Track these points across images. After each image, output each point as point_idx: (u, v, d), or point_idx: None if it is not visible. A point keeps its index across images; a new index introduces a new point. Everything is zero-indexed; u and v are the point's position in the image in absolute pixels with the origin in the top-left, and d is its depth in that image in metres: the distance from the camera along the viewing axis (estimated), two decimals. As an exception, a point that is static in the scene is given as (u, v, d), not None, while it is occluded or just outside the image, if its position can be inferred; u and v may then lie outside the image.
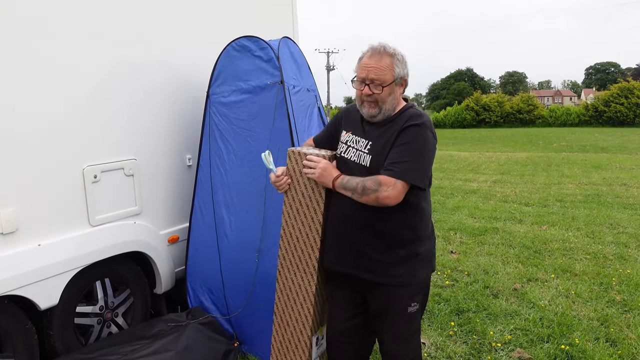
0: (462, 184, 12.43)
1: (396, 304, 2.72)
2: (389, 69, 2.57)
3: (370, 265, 2.67)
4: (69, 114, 3.43)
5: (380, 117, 2.64)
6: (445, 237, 7.45)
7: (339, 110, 3.02)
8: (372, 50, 2.59)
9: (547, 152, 20.34)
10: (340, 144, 2.81)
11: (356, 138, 2.73)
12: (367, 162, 2.63)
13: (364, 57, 2.61)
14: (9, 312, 3.24)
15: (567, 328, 4.34)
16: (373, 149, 2.63)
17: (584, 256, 6.33)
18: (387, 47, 2.59)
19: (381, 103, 2.59)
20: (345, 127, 2.85)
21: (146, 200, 4.00)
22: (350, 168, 2.69)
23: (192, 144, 4.35)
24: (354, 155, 2.70)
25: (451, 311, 4.77)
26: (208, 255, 4.06)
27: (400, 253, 2.66)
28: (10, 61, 3.08)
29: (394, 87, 2.60)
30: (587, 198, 9.97)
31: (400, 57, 2.60)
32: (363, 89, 2.60)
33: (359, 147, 2.68)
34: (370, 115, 2.64)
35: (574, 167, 14.66)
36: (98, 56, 3.59)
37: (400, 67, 2.60)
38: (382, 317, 2.77)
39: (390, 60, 2.57)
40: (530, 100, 49.04)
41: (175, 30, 4.17)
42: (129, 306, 4.06)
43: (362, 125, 2.74)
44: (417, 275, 2.72)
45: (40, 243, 3.29)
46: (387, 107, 2.61)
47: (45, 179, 3.31)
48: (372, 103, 2.61)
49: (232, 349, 3.81)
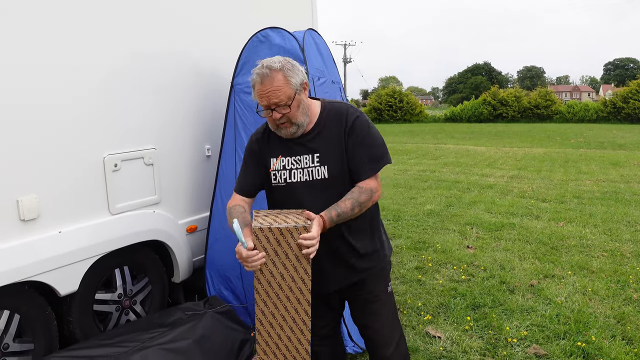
0: (478, 178, 12.37)
1: (379, 289, 2.75)
2: (285, 84, 2.39)
3: (358, 266, 2.65)
4: (90, 103, 3.46)
5: (301, 131, 2.51)
6: (461, 231, 7.43)
7: (249, 145, 2.71)
8: (260, 76, 2.39)
9: (564, 148, 20.15)
10: (275, 172, 2.58)
11: (294, 159, 2.55)
12: (323, 174, 2.50)
13: (256, 84, 2.41)
14: (29, 297, 3.29)
15: (584, 325, 4.32)
16: (323, 158, 2.51)
17: (601, 253, 6.27)
18: (272, 64, 2.39)
19: (294, 119, 2.44)
20: (270, 155, 2.61)
21: (165, 189, 4.03)
22: (301, 190, 2.54)
23: (212, 135, 4.37)
24: (301, 175, 2.53)
25: (467, 306, 4.76)
26: (227, 244, 4.07)
27: (374, 240, 2.70)
28: (32, 50, 3.12)
29: (299, 99, 2.45)
30: (604, 195, 9.87)
31: (289, 66, 2.43)
32: (272, 115, 2.43)
33: (304, 165, 2.52)
34: (291, 134, 2.49)
35: (592, 164, 14.52)
36: (119, 45, 3.61)
37: (295, 75, 2.43)
38: (369, 307, 2.76)
39: (281, 75, 2.39)
40: (548, 96, 48.53)
41: (197, 21, 4.19)
42: (147, 294, 4.10)
43: (292, 143, 2.56)
44: (388, 254, 2.80)
45: (60, 230, 3.33)
46: (301, 120, 2.47)
47: (66, 167, 3.35)
48: (286, 124, 2.46)
49: (249, 339, 3.84)
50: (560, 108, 47.76)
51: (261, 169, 2.64)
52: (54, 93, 3.24)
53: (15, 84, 3.05)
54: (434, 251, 6.47)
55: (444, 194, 10.33)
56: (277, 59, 2.43)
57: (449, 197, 9.99)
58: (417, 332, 4.27)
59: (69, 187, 3.37)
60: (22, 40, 3.05)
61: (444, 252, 6.41)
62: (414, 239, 7.06)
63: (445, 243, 6.79)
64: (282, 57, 2.46)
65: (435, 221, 8.10)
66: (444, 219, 8.22)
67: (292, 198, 2.55)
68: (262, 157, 2.63)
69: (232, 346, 3.69)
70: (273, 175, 2.59)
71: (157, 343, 3.37)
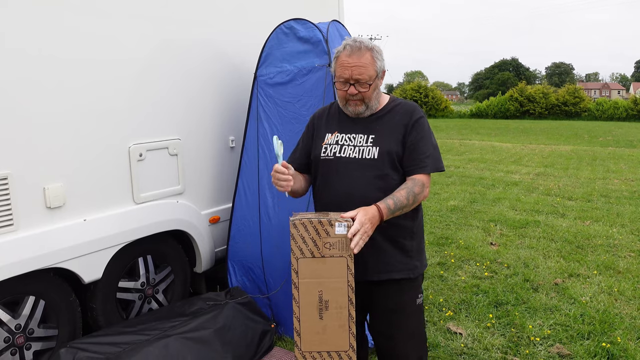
0: (503, 175, 12.24)
1: (407, 297, 2.64)
2: (371, 64, 2.46)
3: (390, 262, 2.58)
4: (117, 93, 3.49)
5: (368, 113, 2.58)
6: (485, 228, 7.36)
7: (310, 121, 2.82)
8: (350, 48, 2.46)
9: (592, 146, 19.83)
10: (327, 146, 2.63)
11: (348, 136, 2.60)
12: (373, 154, 2.52)
13: (342, 55, 2.48)
14: (54, 284, 3.34)
15: (609, 326, 4.25)
16: (377, 140, 2.54)
17: (628, 253, 6.17)
18: (364, 42, 2.48)
19: (367, 100, 2.52)
20: (326, 130, 2.69)
21: (189, 180, 4.05)
22: (347, 166, 2.55)
23: (235, 126, 4.38)
24: (352, 152, 2.56)
25: (489, 303, 4.71)
26: (250, 235, 4.09)
27: (408, 244, 2.62)
28: (59, 40, 3.16)
29: (377, 83, 2.53)
30: (633, 194, 9.70)
31: (377, 49, 2.51)
32: (348, 89, 2.49)
33: (357, 143, 2.56)
34: (357, 112, 2.56)
35: (620, 163, 14.27)
36: (145, 36, 3.64)
37: (380, 59, 2.51)
38: (393, 315, 2.64)
39: (370, 54, 2.46)
40: (576, 93, 47.73)
41: (221, 11, 4.20)
42: (169, 283, 4.13)
43: (352, 122, 2.63)
44: (424, 264, 2.74)
45: (86, 218, 3.37)
46: (373, 103, 2.55)
47: (92, 156, 3.39)
48: (358, 101, 2.52)
49: (269, 330, 3.85)
50: (589, 105, 46.94)
51: (315, 143, 2.71)
52: (80, 83, 3.28)
53: (44, 76, 3.09)
54: (456, 247, 6.42)
55: (468, 190, 10.24)
56: (367, 39, 2.51)
57: (473, 194, 9.90)
58: (439, 328, 4.24)
59: (94, 175, 3.41)
60: (48, 32, 3.10)
61: (467, 248, 6.36)
62: (437, 234, 7.02)
63: (469, 239, 6.73)
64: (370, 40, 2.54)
65: (458, 217, 8.04)
66: (467, 215, 8.15)
67: (337, 172, 2.57)
68: (319, 132, 2.72)
69: (253, 337, 3.71)
70: (324, 148, 2.63)
71: (178, 332, 3.40)
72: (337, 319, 2.31)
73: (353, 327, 2.32)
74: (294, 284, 2.31)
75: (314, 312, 2.31)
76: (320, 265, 2.28)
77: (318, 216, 2.29)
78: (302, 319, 2.32)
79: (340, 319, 2.31)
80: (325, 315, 2.31)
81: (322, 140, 2.67)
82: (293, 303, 2.32)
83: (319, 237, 2.26)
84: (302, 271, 2.30)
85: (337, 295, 2.30)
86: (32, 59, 3.03)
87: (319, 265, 2.28)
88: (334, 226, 2.25)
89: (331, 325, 2.32)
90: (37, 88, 3.06)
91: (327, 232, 2.25)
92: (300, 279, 2.30)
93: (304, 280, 2.30)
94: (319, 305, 2.31)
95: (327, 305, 2.30)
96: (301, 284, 2.30)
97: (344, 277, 2.28)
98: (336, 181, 2.56)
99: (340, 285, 2.29)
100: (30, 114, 3.04)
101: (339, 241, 2.26)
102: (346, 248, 2.26)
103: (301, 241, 2.27)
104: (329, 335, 2.32)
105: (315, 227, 2.25)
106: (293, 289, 2.31)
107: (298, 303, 2.32)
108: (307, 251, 2.27)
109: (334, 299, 2.30)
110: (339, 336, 2.33)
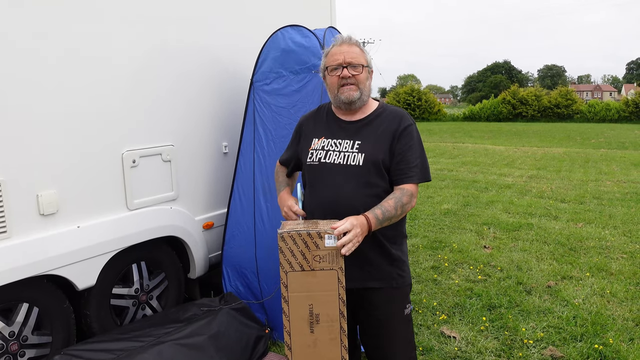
0: (496, 178, 12.28)
1: (395, 307, 2.62)
2: (360, 55, 2.57)
3: (375, 271, 2.57)
4: (109, 99, 3.49)
5: (359, 104, 2.58)
6: (478, 231, 7.39)
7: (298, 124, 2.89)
8: (340, 39, 2.58)
9: (584, 148, 19.93)
10: (313, 151, 2.64)
11: (334, 141, 2.60)
12: (359, 161, 2.50)
13: (332, 48, 2.59)
14: (48, 291, 3.34)
15: (601, 327, 4.27)
16: (363, 147, 2.53)
17: (620, 255, 6.20)
18: (353, 37, 2.60)
19: (362, 86, 2.55)
20: (314, 135, 2.70)
21: (182, 186, 4.05)
22: (333, 172, 2.54)
23: (229, 131, 4.39)
24: (337, 158, 2.55)
25: (483, 306, 4.73)
26: (244, 240, 4.10)
27: (394, 253, 2.60)
28: (52, 46, 3.16)
29: (367, 73, 2.60)
30: (625, 196, 9.75)
31: (364, 48, 2.62)
32: (341, 72, 2.52)
33: (343, 149, 2.56)
34: (351, 99, 2.53)
35: (613, 164, 14.34)
36: (139, 42, 3.64)
37: (367, 55, 2.62)
38: (381, 326, 2.63)
39: (358, 48, 2.58)
40: (568, 95, 47.95)
41: (216, 17, 4.20)
42: (163, 289, 4.13)
43: (338, 127, 2.64)
44: (409, 273, 2.71)
45: (79, 225, 3.37)
46: (366, 92, 2.58)
47: (85, 162, 3.39)
48: (352, 86, 2.53)
49: (264, 335, 3.85)
50: (581, 107, 47.17)
51: (302, 148, 2.75)
52: (73, 90, 3.28)
53: (35, 81, 3.09)
54: (450, 251, 6.44)
55: (462, 193, 10.27)
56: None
57: (466, 197, 9.93)
58: (432, 332, 4.26)
59: (87, 182, 3.41)
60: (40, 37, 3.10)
61: (461, 251, 6.38)
62: (431, 238, 7.04)
63: (462, 243, 6.75)
64: None
65: (452, 220, 8.06)
66: (460, 219, 8.18)
67: (321, 178, 2.58)
68: (307, 137, 2.74)
69: (247, 343, 3.71)
70: (310, 154, 2.65)
71: (173, 338, 3.40)
72: (328, 332, 2.29)
73: (345, 340, 2.30)
74: (284, 297, 2.28)
75: (305, 326, 2.28)
76: (310, 279, 2.25)
77: (307, 227, 2.26)
78: (292, 332, 2.30)
79: (332, 332, 2.29)
80: (316, 328, 2.29)
81: (309, 145, 2.68)
82: (283, 317, 2.29)
83: (308, 250, 2.23)
84: (291, 285, 2.26)
85: (328, 309, 2.27)
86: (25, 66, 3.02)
87: (309, 278, 2.25)
88: (324, 238, 2.22)
89: (322, 339, 2.29)
90: (30, 95, 3.06)
91: (317, 245, 2.23)
92: (290, 293, 2.27)
93: (294, 294, 2.27)
94: (309, 318, 2.28)
95: (318, 319, 2.28)
96: (291, 297, 2.27)
97: (335, 290, 2.26)
98: (321, 187, 2.57)
99: (331, 299, 2.27)
100: (23, 121, 3.03)
101: (328, 254, 2.23)
102: (336, 260, 2.24)
103: (290, 255, 2.24)
104: (320, 348, 2.30)
105: (304, 239, 2.22)
106: (283, 303, 2.28)
107: (288, 317, 2.29)
108: (296, 264, 2.25)
109: (325, 312, 2.27)
110: (330, 350, 2.30)
